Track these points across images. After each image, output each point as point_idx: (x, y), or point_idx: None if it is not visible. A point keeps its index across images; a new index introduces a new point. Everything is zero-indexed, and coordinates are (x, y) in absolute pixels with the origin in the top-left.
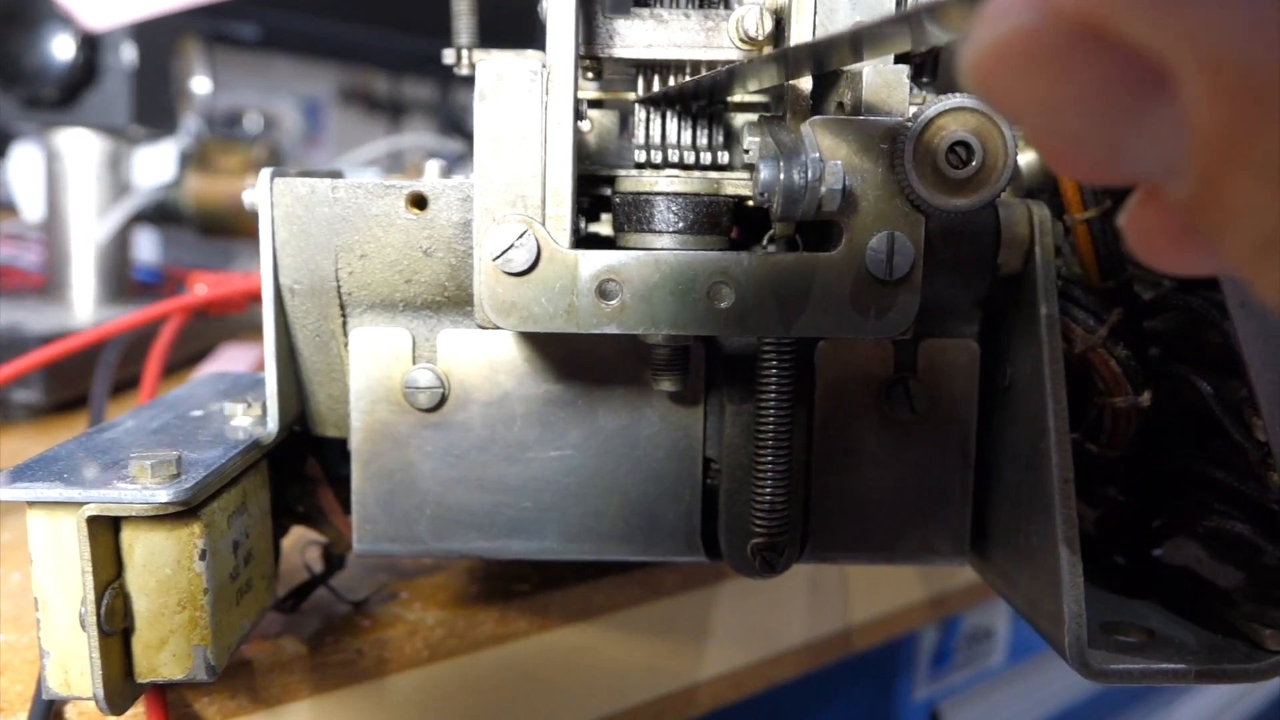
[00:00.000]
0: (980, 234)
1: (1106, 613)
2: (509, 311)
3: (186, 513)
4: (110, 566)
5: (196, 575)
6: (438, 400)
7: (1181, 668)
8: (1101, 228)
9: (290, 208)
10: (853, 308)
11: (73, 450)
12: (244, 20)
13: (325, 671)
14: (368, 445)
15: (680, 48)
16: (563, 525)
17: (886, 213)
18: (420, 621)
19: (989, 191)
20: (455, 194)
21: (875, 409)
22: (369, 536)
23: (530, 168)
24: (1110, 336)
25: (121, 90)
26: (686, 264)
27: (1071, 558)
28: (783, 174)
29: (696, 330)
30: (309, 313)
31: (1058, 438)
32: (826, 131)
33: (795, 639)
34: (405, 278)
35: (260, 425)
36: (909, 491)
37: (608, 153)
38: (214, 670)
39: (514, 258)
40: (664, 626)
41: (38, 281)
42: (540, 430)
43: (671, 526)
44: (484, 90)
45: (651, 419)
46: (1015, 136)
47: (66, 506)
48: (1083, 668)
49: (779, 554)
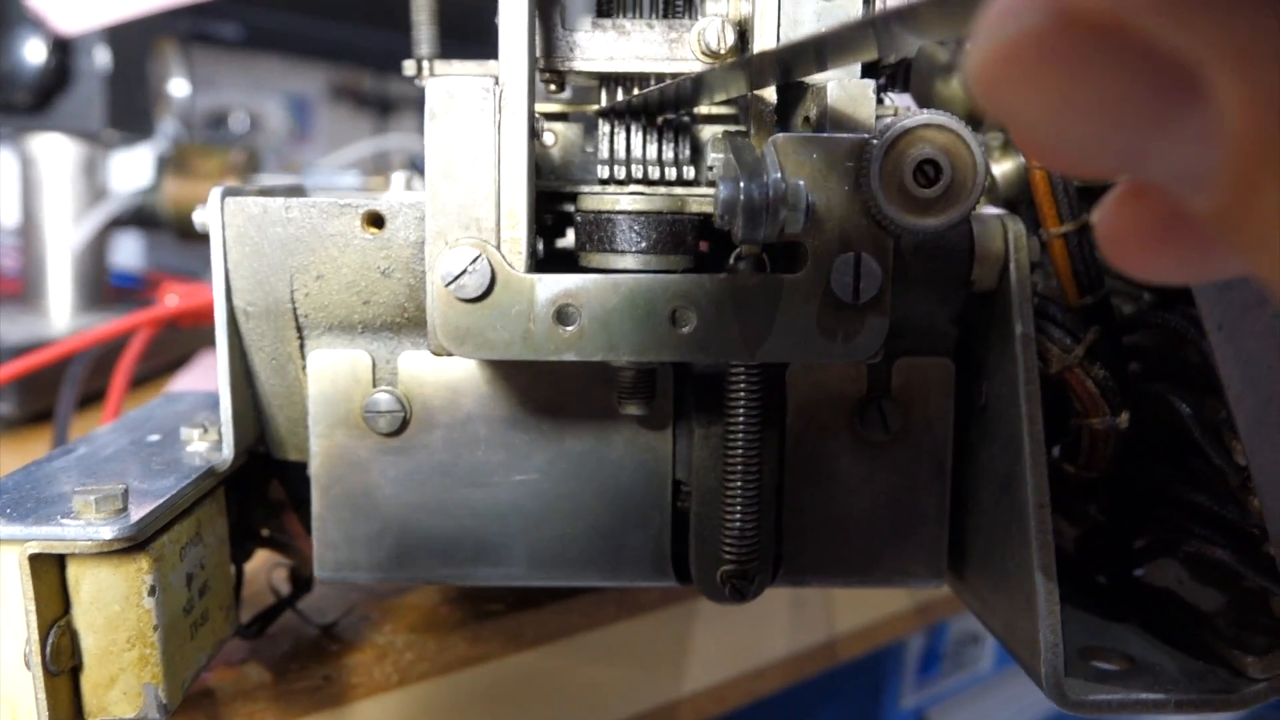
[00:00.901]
0: (953, 250)
1: (1085, 637)
2: (463, 339)
3: (134, 548)
4: (56, 604)
5: (145, 611)
6: (399, 424)
7: (1161, 698)
8: (1079, 242)
9: (242, 228)
10: (819, 332)
11: (19, 481)
12: (225, 20)
13: (291, 700)
14: (327, 470)
15: (643, 60)
16: (529, 551)
17: (852, 233)
18: (390, 645)
19: (958, 211)
20: (413, 213)
21: (848, 429)
22: (331, 564)
23: (484, 189)
24: (1087, 356)
25: (95, 94)
26: (646, 288)
27: (1048, 585)
28: (743, 195)
29: (657, 357)
30: (264, 335)
31: (1033, 462)
32: (789, 149)
33: (778, 651)
34: (363, 299)
35: (217, 450)
36: (884, 513)
37: (572, 166)
38: (165, 709)
39: (467, 283)
40: (643, 644)
41: (14, 287)
42: (504, 454)
43: (640, 551)
44: (434, 109)
45: (618, 442)
46: (985, 153)
47: (9, 544)
48: (1059, 699)
49: (749, 581)
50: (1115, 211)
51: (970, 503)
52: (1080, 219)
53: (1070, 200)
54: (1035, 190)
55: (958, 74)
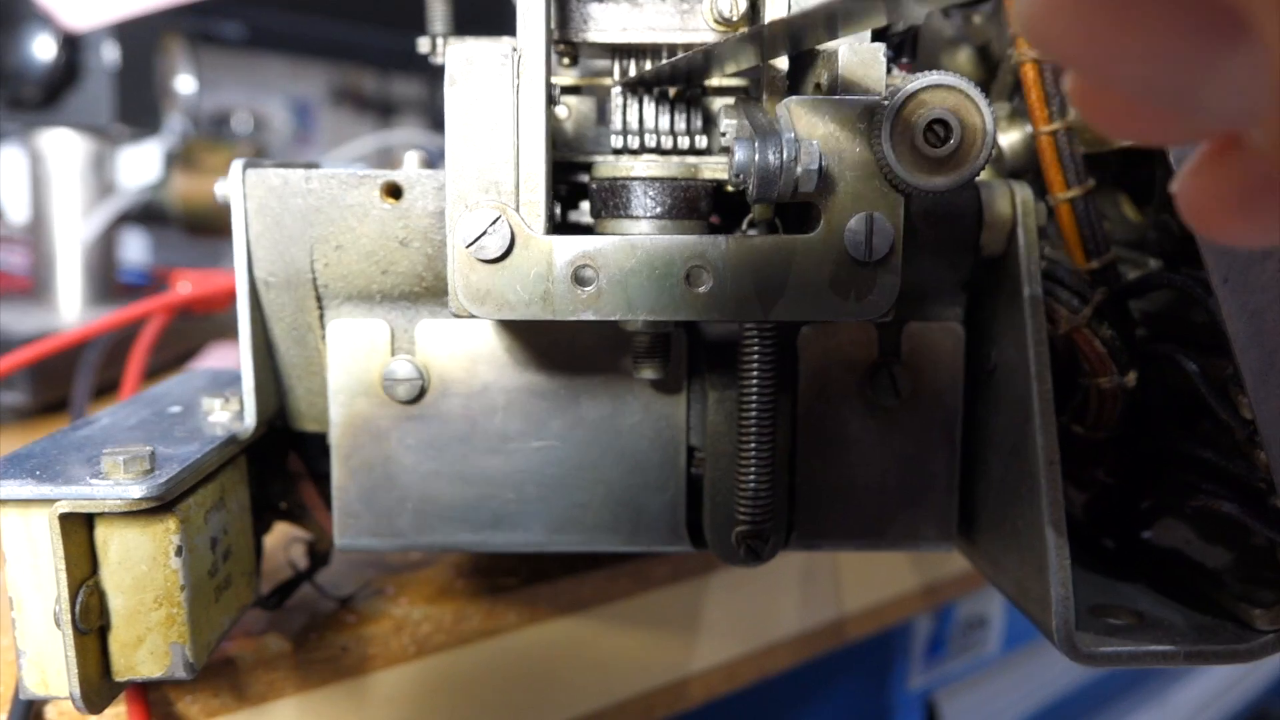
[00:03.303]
0: (962, 215)
1: (1095, 596)
2: (483, 299)
3: (161, 508)
4: (85, 564)
5: (173, 572)
6: (417, 392)
7: (1170, 649)
8: (1085, 207)
9: (263, 199)
10: (832, 290)
11: (46, 447)
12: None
13: (310, 669)
14: (347, 439)
15: (655, 31)
16: (547, 517)
17: (864, 193)
18: (406, 617)
19: (968, 169)
20: (430, 183)
21: (859, 394)
22: (351, 531)
23: (503, 153)
24: (1095, 316)
25: (104, 90)
26: (663, 248)
27: (1058, 540)
28: (758, 154)
29: (674, 315)
30: (285, 306)
31: (1043, 420)
32: (803, 111)
33: (788, 629)
34: (382, 269)
35: (238, 420)
36: (895, 477)
37: (585, 140)
38: (193, 668)
39: (487, 245)
40: (654, 619)
41: (24, 284)
42: (522, 421)
43: (656, 516)
44: (454, 75)
45: (634, 408)
46: (994, 114)
47: (39, 504)
48: (1071, 651)
49: (764, 541)
50: (1196, 177)
51: (980, 466)
52: (1086, 184)
53: (1077, 165)
54: (1042, 155)
55: (963, 46)
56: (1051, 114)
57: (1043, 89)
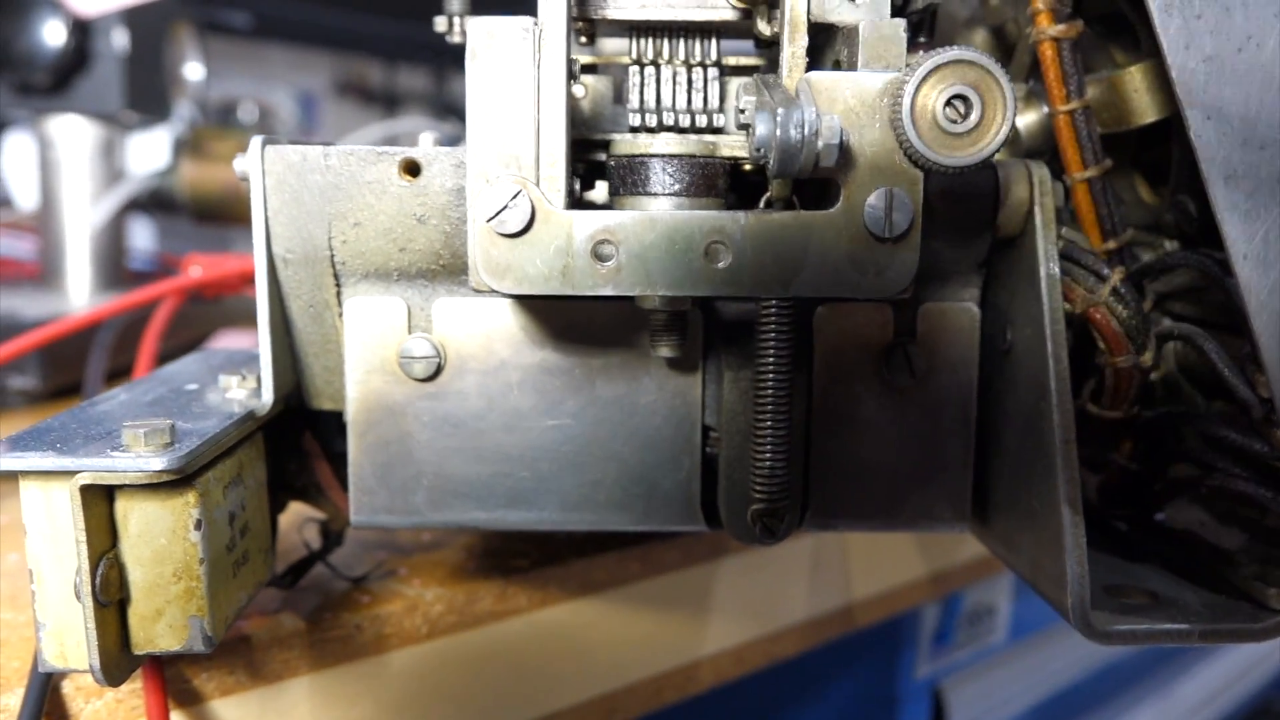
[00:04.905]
0: (979, 194)
1: (1109, 576)
2: (503, 274)
3: (181, 481)
4: (105, 537)
5: (192, 545)
6: (433, 370)
7: (1185, 628)
8: (1102, 188)
9: (282, 175)
10: (851, 266)
11: (65, 422)
12: (236, 7)
13: (324, 647)
14: (364, 416)
15: (674, 8)
16: (561, 495)
17: (884, 169)
18: (419, 597)
19: (988, 146)
20: (449, 160)
21: (875, 374)
22: (366, 508)
23: (523, 128)
24: (1112, 295)
25: (114, 76)
26: (683, 223)
27: (1074, 518)
28: (779, 129)
29: (693, 291)
30: (302, 283)
31: (1059, 398)
32: (823, 86)
33: (797, 615)
34: (399, 246)
35: (255, 397)
36: (909, 457)
37: (602, 118)
38: (211, 641)
39: (508, 219)
40: (665, 602)
41: (33, 271)
42: (537, 399)
43: (670, 495)
44: (475, 49)
45: (649, 386)
46: (1014, 91)
47: (60, 476)
48: (1086, 629)
49: (779, 520)
50: None
51: (995, 446)
52: (1103, 164)
53: (1094, 145)
54: (1059, 135)
55: (979, 28)
56: (1069, 93)
57: (1061, 67)
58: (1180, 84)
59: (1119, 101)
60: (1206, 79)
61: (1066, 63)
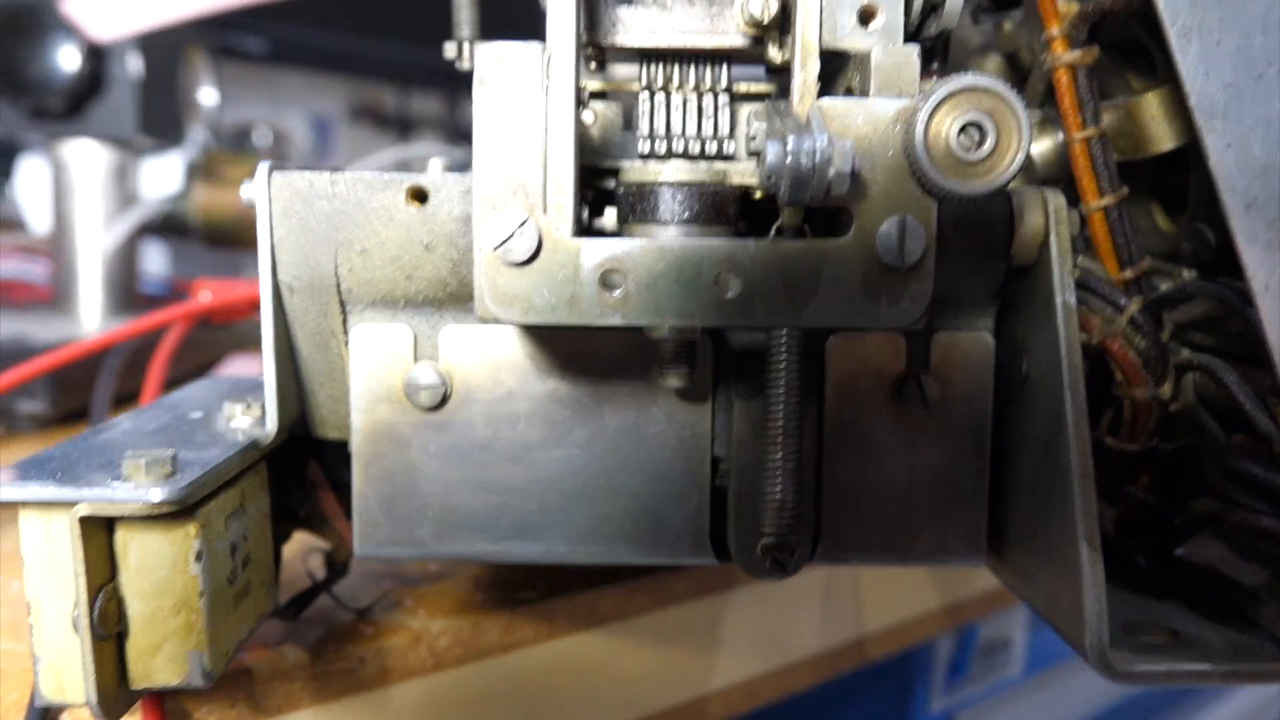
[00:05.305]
0: (993, 223)
1: (1128, 613)
2: (510, 303)
3: (182, 513)
4: (104, 569)
5: (192, 578)
6: (440, 399)
7: (1207, 668)
8: (1119, 216)
9: (289, 202)
10: (864, 296)
11: (67, 450)
12: (251, 33)
13: (327, 680)
14: (369, 446)
15: (684, 34)
16: (568, 527)
17: (897, 197)
18: (425, 629)
19: (1003, 174)
20: (456, 187)
21: (888, 405)
22: (371, 540)
23: (531, 154)
24: (1129, 326)
25: (127, 100)
26: (692, 252)
27: (1092, 554)
28: (790, 156)
29: (703, 321)
30: (308, 310)
31: (1076, 430)
32: (835, 113)
33: (808, 648)
34: (406, 273)
35: (259, 426)
36: (923, 490)
37: (612, 145)
38: (210, 676)
39: (514, 247)
40: (674, 635)
41: (46, 295)
42: (545, 429)
43: (679, 527)
44: (483, 75)
45: (658, 417)
46: (1030, 117)
47: (59, 507)
48: (1105, 668)
49: (790, 553)
50: None
51: (1011, 479)
52: (1120, 192)
53: (1111, 173)
54: (1075, 164)
55: (992, 54)
56: (1085, 120)
57: (1076, 94)
58: (1199, 111)
59: (1135, 129)
60: (1226, 106)
61: (1082, 89)
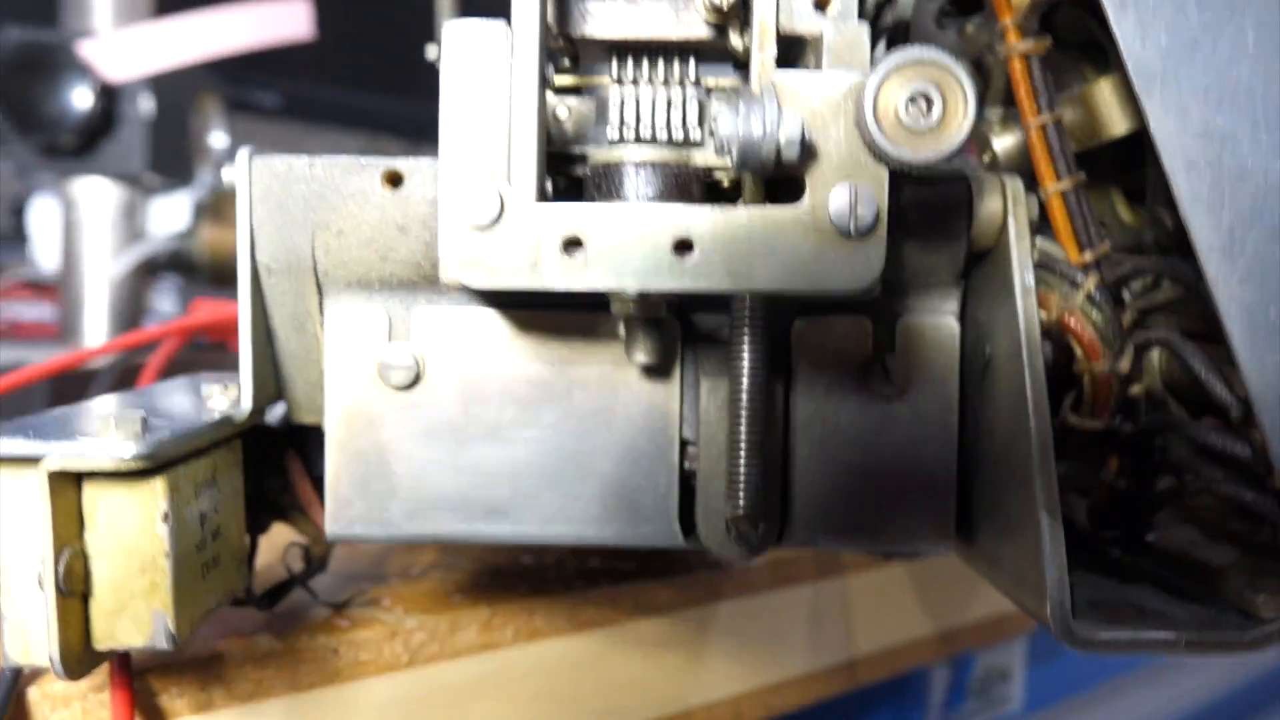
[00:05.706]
0: (952, 206)
1: (1097, 594)
2: (472, 266)
3: (150, 472)
4: (72, 527)
5: (158, 539)
6: (412, 379)
7: (1171, 635)
8: (1077, 200)
9: (268, 185)
10: (816, 261)
11: (42, 419)
12: (266, 89)
13: (300, 670)
14: (342, 426)
15: (651, 25)
16: (539, 508)
17: (849, 167)
18: (400, 625)
19: (950, 143)
20: (430, 171)
21: (854, 389)
22: (342, 519)
23: (495, 123)
24: (1086, 301)
25: (138, 139)
26: (651, 217)
27: (1052, 523)
28: (740, 124)
29: (661, 284)
30: (286, 292)
31: (1035, 405)
32: (788, 86)
33: (797, 667)
34: (381, 255)
35: (236, 407)
36: (891, 475)
37: (584, 137)
38: (174, 639)
39: (478, 211)
40: (656, 646)
41: (52, 332)
42: (516, 410)
43: (649, 509)
44: (449, 49)
45: (627, 400)
46: (976, 87)
47: (29, 463)
48: (1067, 636)
49: (754, 526)
50: None
51: (978, 464)
52: (1077, 176)
53: (1068, 158)
54: (1032, 150)
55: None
56: (1040, 107)
57: (1031, 82)
58: (1138, 77)
59: (1090, 116)
60: (1164, 71)
61: (1036, 78)
